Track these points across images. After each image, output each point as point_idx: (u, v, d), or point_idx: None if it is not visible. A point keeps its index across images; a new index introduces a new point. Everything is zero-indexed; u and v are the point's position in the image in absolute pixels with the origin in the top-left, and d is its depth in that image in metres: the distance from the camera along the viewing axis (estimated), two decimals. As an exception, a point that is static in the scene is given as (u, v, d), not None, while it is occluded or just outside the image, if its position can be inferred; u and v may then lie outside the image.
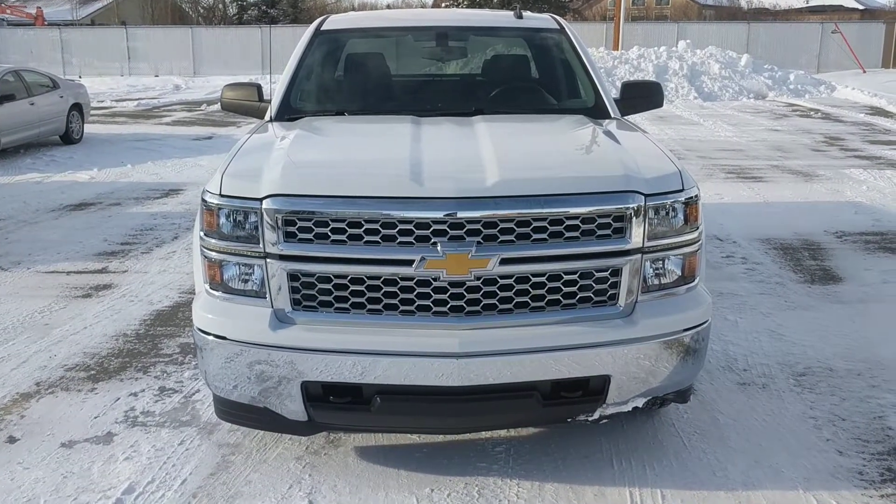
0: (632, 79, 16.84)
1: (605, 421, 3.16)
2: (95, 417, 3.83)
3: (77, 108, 14.09)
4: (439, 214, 2.83)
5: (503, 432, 3.56)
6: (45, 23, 38.38)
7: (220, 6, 54.01)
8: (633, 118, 4.65)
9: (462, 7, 36.07)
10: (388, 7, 58.30)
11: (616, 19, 27.65)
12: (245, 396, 3.06)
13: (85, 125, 14.46)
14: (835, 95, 22.28)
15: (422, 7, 53.60)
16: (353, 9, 57.03)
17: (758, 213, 8.15)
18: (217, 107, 20.01)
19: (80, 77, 27.28)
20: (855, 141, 13.48)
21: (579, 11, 39.23)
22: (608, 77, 21.93)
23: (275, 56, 30.99)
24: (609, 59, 23.86)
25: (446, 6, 38.78)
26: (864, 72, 27.23)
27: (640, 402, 3.13)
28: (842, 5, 54.95)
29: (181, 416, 3.82)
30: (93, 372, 4.36)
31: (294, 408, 3.02)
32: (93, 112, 15.87)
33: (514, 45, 5.56)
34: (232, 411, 3.20)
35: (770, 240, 7.00)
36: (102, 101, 21.72)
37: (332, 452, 3.46)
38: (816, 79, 24.13)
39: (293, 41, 4.81)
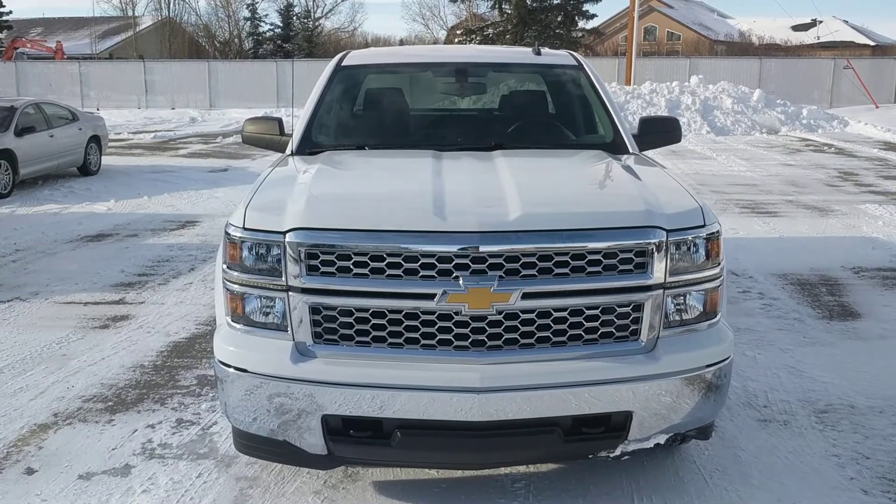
0: (650, 114, 16.89)
1: (626, 457, 3.13)
2: (113, 449, 3.83)
3: (95, 140, 14.28)
4: (462, 248, 2.84)
5: (522, 468, 3.53)
6: (65, 56, 39.03)
7: (236, 41, 54.91)
8: (649, 153, 4.66)
9: (474, 42, 36.49)
10: (402, 42, 59.05)
11: (628, 55, 27.85)
12: (265, 429, 3.05)
13: (102, 157, 14.63)
14: (848, 130, 22.27)
15: (434, 42, 54.18)
16: (367, 44, 57.79)
17: (773, 248, 8.13)
18: (232, 139, 20.22)
19: (97, 109, 27.60)
20: (869, 176, 13.46)
21: (591, 47, 39.54)
22: (620, 111, 22.01)
23: (288, 89, 31.39)
24: (621, 94, 24.00)
25: (458, 41, 39.25)
26: (877, 107, 27.25)
27: (661, 439, 3.10)
28: (853, 41, 55.18)
29: (199, 449, 3.81)
30: (110, 403, 4.37)
31: (314, 441, 3.01)
32: (110, 144, 16.04)
33: (533, 80, 5.61)
34: (251, 444, 3.19)
35: (787, 275, 6.96)
36: (119, 133, 21.95)
37: (350, 487, 3.44)
38: (829, 114, 24.16)
39: (308, 75, 4.89)
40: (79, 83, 34.24)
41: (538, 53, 5.06)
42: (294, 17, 53.01)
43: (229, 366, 3.06)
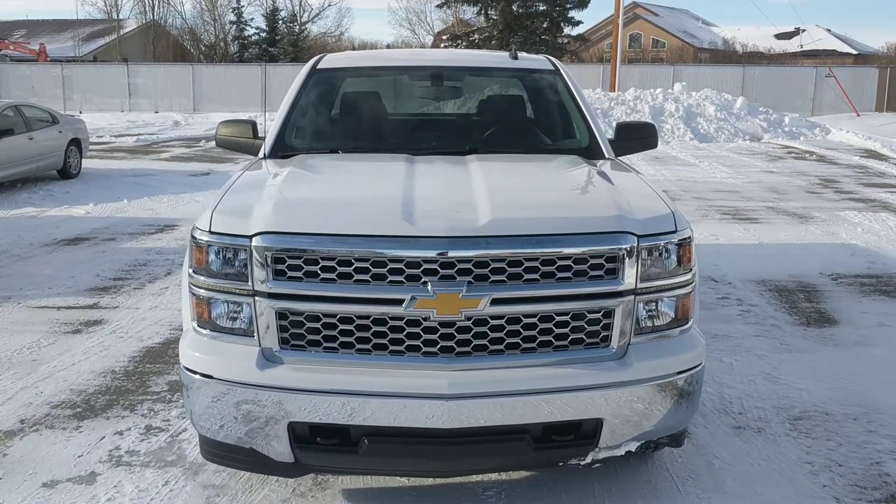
0: (627, 120, 16.95)
1: (597, 465, 3.10)
2: (79, 456, 3.76)
3: (75, 143, 14.13)
4: (430, 253, 2.80)
5: (493, 475, 3.50)
6: (48, 59, 38.69)
7: (222, 44, 54.65)
8: (629, 158, 4.65)
9: (460, 47, 36.51)
10: (388, 46, 58.99)
11: (613, 61, 27.96)
12: (231, 437, 3.00)
13: (83, 160, 14.48)
14: (829, 138, 22.43)
15: (421, 47, 54.18)
16: (353, 48, 57.71)
17: (753, 254, 8.14)
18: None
19: (80, 112, 27.43)
20: (850, 183, 13.54)
21: (576, 53, 39.62)
22: (605, 118, 22.10)
23: (275, 94, 31.27)
24: (606, 101, 24.07)
25: (445, 46, 39.27)
26: (858, 115, 27.46)
27: (633, 446, 3.07)
28: (835, 50, 55.71)
29: (167, 456, 3.75)
30: (79, 409, 4.29)
31: (281, 449, 2.96)
32: (91, 147, 15.90)
33: (510, 85, 5.59)
34: (218, 452, 3.14)
35: (765, 281, 6.97)
36: (102, 137, 21.80)
37: (319, 495, 3.39)
38: (811, 122, 24.33)
39: (292, 79, 4.84)
40: (61, 86, 33.98)
41: (515, 58, 5.04)
42: (280, 22, 52.83)
43: (195, 372, 3.01)
